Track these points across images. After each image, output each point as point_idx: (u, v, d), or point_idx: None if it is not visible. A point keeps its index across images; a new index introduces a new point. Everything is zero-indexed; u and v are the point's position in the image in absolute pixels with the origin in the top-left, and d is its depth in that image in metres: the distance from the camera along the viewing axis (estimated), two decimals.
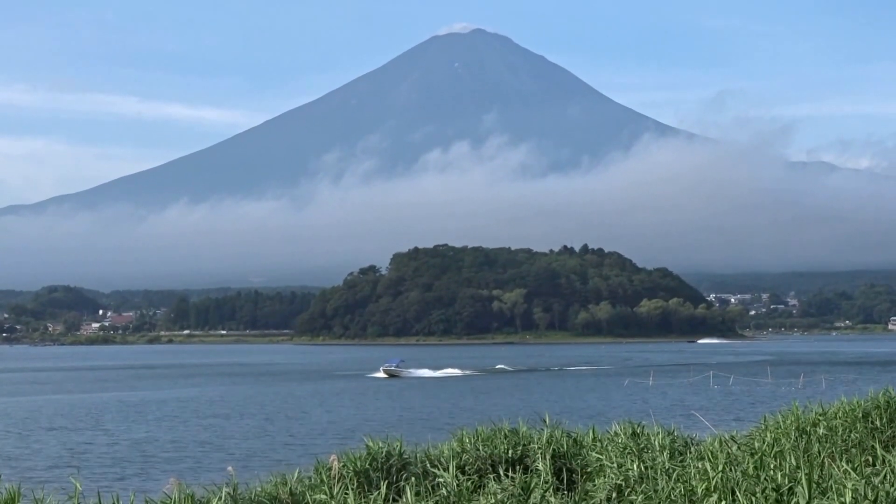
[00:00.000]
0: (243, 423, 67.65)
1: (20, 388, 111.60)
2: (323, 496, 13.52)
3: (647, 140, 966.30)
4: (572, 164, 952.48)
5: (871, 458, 13.72)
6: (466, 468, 15.54)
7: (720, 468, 12.44)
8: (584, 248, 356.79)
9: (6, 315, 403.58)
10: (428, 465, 15.49)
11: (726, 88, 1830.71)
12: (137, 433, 61.15)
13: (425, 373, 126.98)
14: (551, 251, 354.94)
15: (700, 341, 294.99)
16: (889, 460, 12.09)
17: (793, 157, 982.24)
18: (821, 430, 16.00)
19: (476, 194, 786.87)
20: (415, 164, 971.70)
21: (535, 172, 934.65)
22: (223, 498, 13.11)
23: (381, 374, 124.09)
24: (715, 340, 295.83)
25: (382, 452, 15.61)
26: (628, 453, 14.92)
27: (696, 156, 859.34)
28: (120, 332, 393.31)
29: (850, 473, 11.71)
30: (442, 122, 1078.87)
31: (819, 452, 14.85)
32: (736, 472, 12.42)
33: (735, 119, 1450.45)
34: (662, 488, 12.72)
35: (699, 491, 12.17)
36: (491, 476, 14.82)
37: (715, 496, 11.80)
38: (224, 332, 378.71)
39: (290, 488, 14.21)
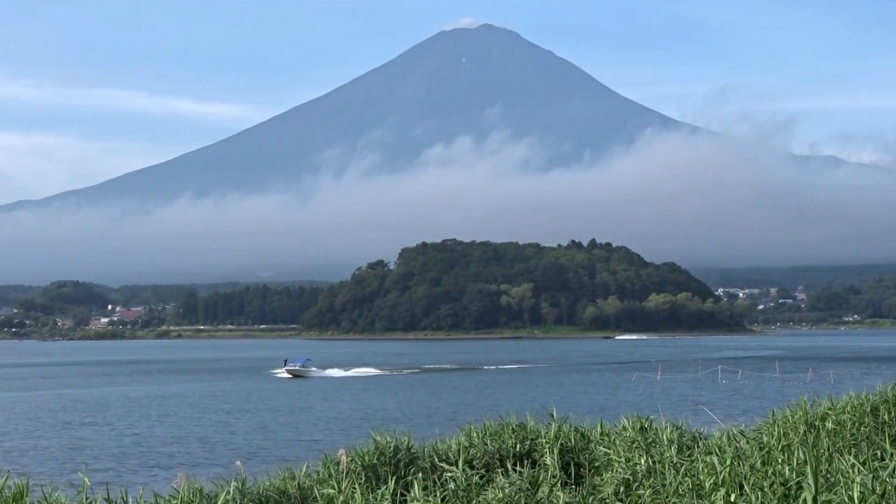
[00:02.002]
0: (247, 417, 67.73)
1: (28, 383, 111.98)
2: (331, 490, 13.53)
3: (651, 133, 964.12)
4: (575, 157, 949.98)
5: (879, 453, 13.70)
6: (474, 462, 15.54)
7: (728, 462, 12.42)
8: (592, 243, 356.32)
9: (15, 310, 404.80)
10: (436, 460, 15.49)
11: (729, 82, 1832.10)
12: (142, 428, 61.27)
13: (335, 372, 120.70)
14: (559, 246, 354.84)
15: (618, 338, 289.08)
16: None
17: (795, 151, 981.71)
18: (829, 425, 15.96)
19: (478, 189, 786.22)
20: (417, 159, 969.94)
21: (538, 167, 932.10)
22: (231, 492, 13.11)
23: (285, 374, 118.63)
24: (633, 336, 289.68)
25: (390, 447, 15.60)
26: (636, 448, 14.90)
27: (700, 149, 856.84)
28: (129, 326, 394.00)
29: (857, 468, 11.70)
30: (445, 117, 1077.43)
31: (827, 447, 14.83)
32: (744, 466, 12.41)
33: (738, 113, 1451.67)
34: (670, 482, 12.72)
35: (707, 485, 12.16)
36: (499, 470, 14.82)
37: (723, 490, 11.79)
38: (232, 326, 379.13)
39: (299, 483, 14.21)
